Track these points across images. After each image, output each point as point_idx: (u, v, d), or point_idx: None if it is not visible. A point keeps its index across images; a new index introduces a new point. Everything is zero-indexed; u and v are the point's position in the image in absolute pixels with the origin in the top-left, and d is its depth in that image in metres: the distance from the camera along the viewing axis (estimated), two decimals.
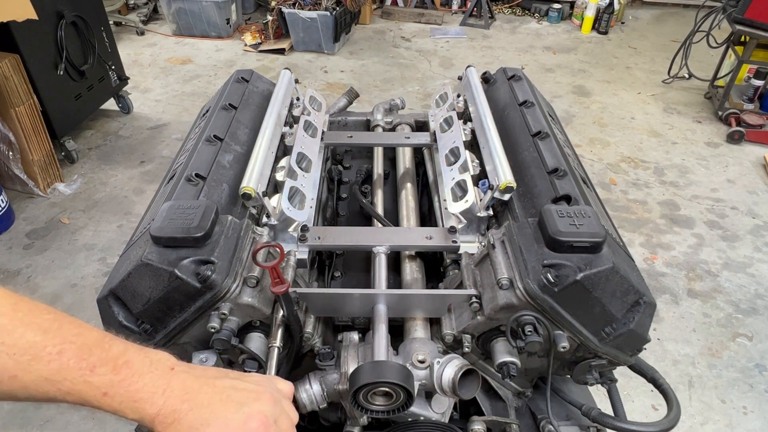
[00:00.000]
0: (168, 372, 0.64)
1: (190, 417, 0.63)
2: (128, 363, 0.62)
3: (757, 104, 4.28)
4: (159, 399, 0.62)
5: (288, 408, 0.73)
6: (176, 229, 0.98)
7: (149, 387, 0.62)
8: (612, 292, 0.97)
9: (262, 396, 0.69)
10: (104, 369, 0.61)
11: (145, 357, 0.65)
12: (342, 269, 1.38)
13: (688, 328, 2.72)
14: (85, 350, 0.61)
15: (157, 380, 0.63)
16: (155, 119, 4.38)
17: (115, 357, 0.62)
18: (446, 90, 1.71)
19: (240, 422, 0.65)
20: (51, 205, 3.45)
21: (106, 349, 0.62)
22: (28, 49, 3.25)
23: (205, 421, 0.63)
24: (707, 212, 3.51)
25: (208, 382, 0.66)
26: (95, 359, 0.61)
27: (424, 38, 5.92)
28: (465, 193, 1.22)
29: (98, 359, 0.61)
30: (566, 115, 4.49)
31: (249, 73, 1.64)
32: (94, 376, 0.60)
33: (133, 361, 0.63)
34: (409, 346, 1.04)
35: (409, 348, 1.04)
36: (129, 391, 0.61)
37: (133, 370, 0.62)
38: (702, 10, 4.54)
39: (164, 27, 5.97)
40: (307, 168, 1.37)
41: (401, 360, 1.01)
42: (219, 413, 0.64)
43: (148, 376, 0.63)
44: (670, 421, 1.09)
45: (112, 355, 0.62)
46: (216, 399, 0.65)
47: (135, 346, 0.66)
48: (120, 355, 0.63)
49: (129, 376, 0.61)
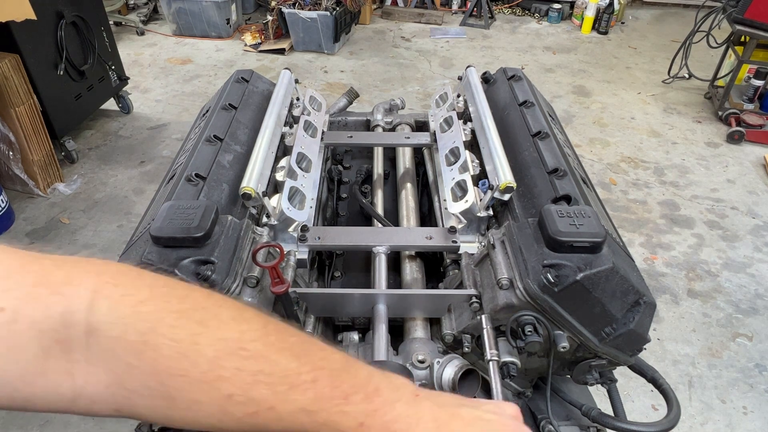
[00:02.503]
0: (414, 399, 0.60)
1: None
2: (378, 390, 0.58)
3: (757, 104, 4.28)
4: (414, 430, 0.58)
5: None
6: (176, 229, 0.98)
7: (403, 418, 0.58)
8: (612, 292, 0.97)
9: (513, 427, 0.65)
10: (357, 397, 0.56)
11: (390, 382, 0.61)
12: (342, 269, 1.38)
13: (688, 328, 2.72)
14: (336, 376, 0.57)
15: (408, 410, 0.59)
16: (155, 119, 4.38)
17: (365, 383, 0.58)
18: (446, 90, 1.71)
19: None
20: (51, 205, 3.45)
21: (353, 374, 0.58)
22: (28, 49, 3.25)
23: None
24: (707, 212, 3.51)
25: (454, 412, 0.62)
26: (347, 387, 0.57)
27: (424, 38, 5.92)
28: (465, 193, 1.22)
29: (350, 386, 0.57)
30: (566, 115, 4.49)
31: (249, 73, 1.64)
32: (349, 405, 0.56)
33: (381, 387, 0.59)
34: (409, 346, 1.04)
35: (409, 348, 1.04)
36: (385, 421, 0.57)
37: (384, 397, 0.58)
38: (702, 10, 4.54)
39: (164, 27, 5.97)
40: (307, 168, 1.37)
41: (401, 360, 1.02)
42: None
43: (399, 405, 0.58)
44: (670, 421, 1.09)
45: (362, 381, 0.58)
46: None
47: (375, 368, 0.62)
48: (368, 380, 0.59)
49: (382, 405, 0.57)
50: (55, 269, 0.52)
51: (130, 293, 0.53)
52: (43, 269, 0.51)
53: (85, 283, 0.52)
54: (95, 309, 0.51)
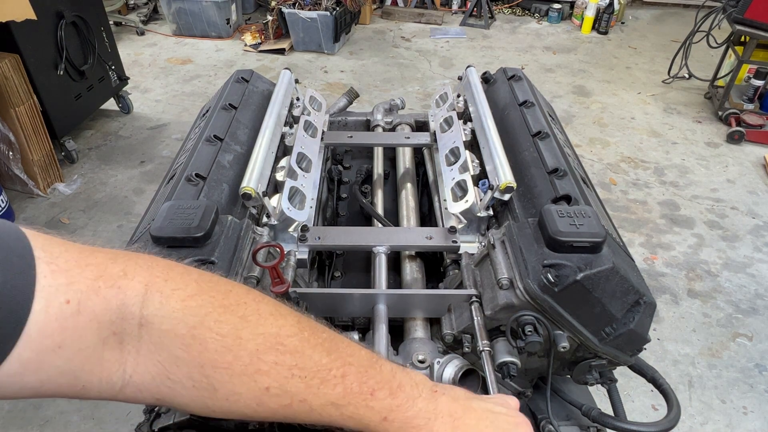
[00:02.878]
0: (432, 395, 0.64)
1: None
2: (401, 386, 0.62)
3: (757, 104, 4.28)
4: (432, 425, 0.62)
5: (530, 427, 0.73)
6: (176, 229, 0.98)
7: (423, 413, 0.62)
8: (612, 292, 0.97)
9: (518, 420, 0.69)
10: (383, 393, 0.60)
11: (410, 378, 0.64)
12: (342, 269, 1.38)
13: (688, 328, 2.72)
14: (363, 372, 0.60)
15: (428, 405, 0.63)
16: (155, 119, 4.38)
17: (389, 379, 0.62)
18: (446, 90, 1.71)
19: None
20: (51, 205, 3.45)
21: (378, 370, 0.62)
22: (28, 49, 3.25)
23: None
24: (707, 212, 3.51)
25: (467, 405, 0.66)
26: (374, 382, 0.60)
27: (424, 38, 5.92)
28: (465, 193, 1.22)
29: (376, 382, 0.60)
30: (566, 115, 4.49)
31: (249, 73, 1.65)
32: (375, 400, 0.60)
33: (404, 384, 0.63)
34: (410, 346, 1.04)
35: (410, 348, 1.04)
36: (407, 416, 0.61)
37: (407, 393, 0.62)
38: (702, 10, 4.54)
39: (164, 27, 5.97)
40: (307, 168, 1.37)
41: (401, 360, 1.02)
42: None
43: (420, 401, 0.62)
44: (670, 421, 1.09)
45: (386, 377, 0.62)
46: (482, 426, 0.65)
47: (396, 365, 0.66)
48: (392, 376, 0.62)
49: (405, 401, 0.61)
50: (112, 263, 0.54)
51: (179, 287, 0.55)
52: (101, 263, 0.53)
53: (138, 276, 0.54)
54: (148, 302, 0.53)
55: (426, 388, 0.64)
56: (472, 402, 0.67)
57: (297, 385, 0.56)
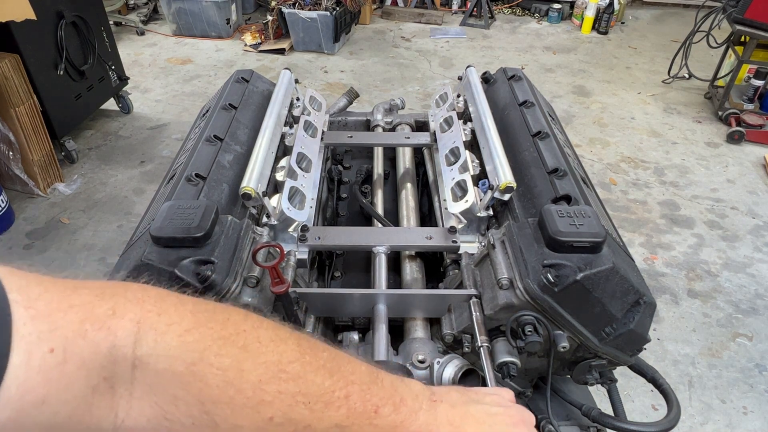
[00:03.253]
0: (432, 405, 0.65)
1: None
2: (403, 400, 0.62)
3: (757, 104, 4.28)
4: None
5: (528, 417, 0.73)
6: (176, 229, 0.98)
7: (424, 426, 0.62)
8: (612, 292, 0.97)
9: (515, 419, 0.70)
10: (387, 410, 0.60)
11: (410, 390, 0.64)
12: (342, 269, 1.38)
13: (688, 328, 2.72)
14: (366, 390, 0.60)
15: (428, 417, 0.63)
16: (155, 119, 4.38)
17: (391, 394, 0.62)
18: (446, 90, 1.71)
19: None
20: (51, 205, 3.45)
21: (380, 386, 0.61)
22: (28, 49, 3.25)
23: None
24: (707, 212, 3.51)
25: (465, 412, 0.67)
26: (377, 399, 0.60)
27: (424, 38, 5.92)
28: (465, 193, 1.22)
29: (379, 399, 0.60)
30: (566, 115, 4.49)
31: (249, 73, 1.65)
32: (379, 418, 0.59)
33: (405, 397, 0.63)
34: (410, 346, 1.04)
35: (410, 348, 1.04)
36: (410, 431, 0.61)
37: (409, 407, 0.62)
38: (702, 10, 4.54)
39: (164, 27, 5.97)
40: (307, 168, 1.37)
41: (401, 360, 1.02)
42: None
43: (422, 414, 0.63)
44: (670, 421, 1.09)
45: (388, 393, 0.61)
46: (481, 430, 0.66)
47: (395, 376, 0.65)
48: (393, 391, 0.62)
49: (408, 416, 0.61)
50: (99, 300, 0.50)
51: (175, 321, 0.52)
52: (86, 302, 0.49)
53: (129, 314, 0.50)
54: (141, 342, 0.50)
55: (425, 398, 0.65)
56: (470, 407, 0.68)
57: (301, 411, 0.55)
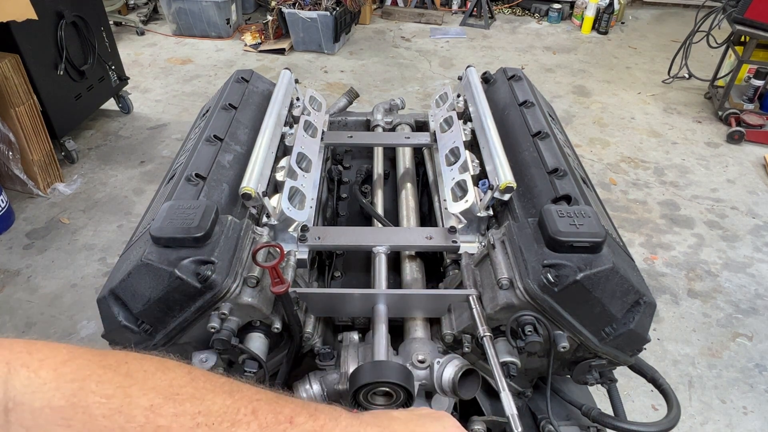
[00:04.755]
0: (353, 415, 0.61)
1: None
2: (318, 409, 0.58)
3: (757, 104, 4.28)
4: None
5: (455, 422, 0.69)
6: (176, 229, 0.98)
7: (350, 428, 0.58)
8: (612, 292, 0.97)
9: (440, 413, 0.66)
10: (302, 418, 0.56)
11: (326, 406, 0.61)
12: (342, 269, 1.38)
13: (688, 328, 2.72)
14: (274, 403, 0.56)
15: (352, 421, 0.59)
16: (155, 119, 4.38)
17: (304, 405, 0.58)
18: (446, 90, 1.71)
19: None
20: (51, 205, 3.45)
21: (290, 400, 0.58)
22: (28, 49, 3.25)
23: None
24: (707, 212, 3.51)
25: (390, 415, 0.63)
26: (289, 410, 0.56)
27: (424, 38, 5.92)
28: (465, 193, 1.22)
29: (291, 410, 0.56)
30: (566, 115, 4.49)
31: (249, 73, 1.65)
32: (296, 427, 0.55)
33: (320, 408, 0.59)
34: (409, 346, 1.04)
35: (409, 348, 1.04)
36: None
37: (327, 414, 0.58)
38: (702, 10, 4.54)
39: (164, 27, 5.97)
40: (307, 168, 1.37)
41: (401, 360, 1.01)
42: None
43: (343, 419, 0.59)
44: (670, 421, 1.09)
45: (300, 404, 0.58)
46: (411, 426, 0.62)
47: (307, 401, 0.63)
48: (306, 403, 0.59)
49: (327, 421, 0.57)
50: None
51: (48, 356, 0.49)
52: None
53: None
54: (13, 381, 0.47)
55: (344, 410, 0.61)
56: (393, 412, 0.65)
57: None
